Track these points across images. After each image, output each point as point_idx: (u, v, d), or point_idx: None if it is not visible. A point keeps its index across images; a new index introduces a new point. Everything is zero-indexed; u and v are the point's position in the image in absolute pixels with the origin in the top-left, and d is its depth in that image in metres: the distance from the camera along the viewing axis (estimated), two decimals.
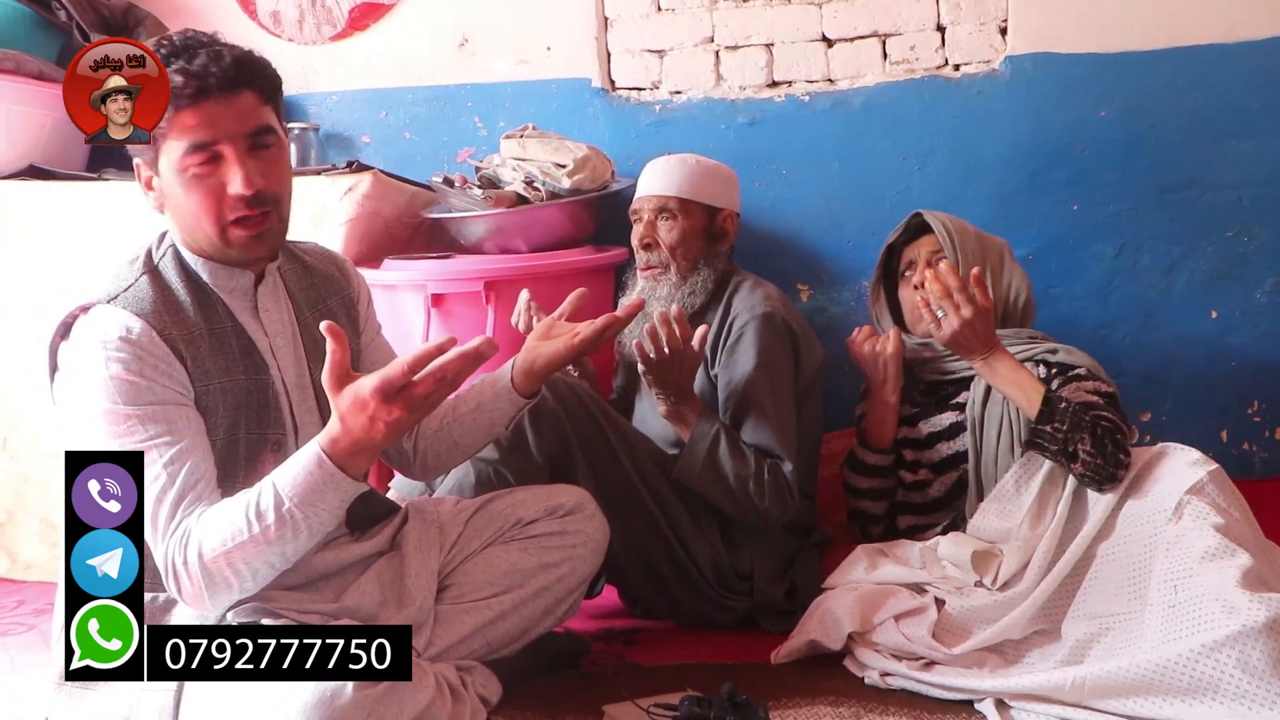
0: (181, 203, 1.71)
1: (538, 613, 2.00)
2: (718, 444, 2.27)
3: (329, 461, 1.60)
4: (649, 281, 2.46)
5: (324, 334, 1.58)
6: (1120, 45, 2.90)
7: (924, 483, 2.39)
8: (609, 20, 3.18)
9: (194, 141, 1.67)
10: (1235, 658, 1.69)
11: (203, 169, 1.68)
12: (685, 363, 2.24)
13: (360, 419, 1.58)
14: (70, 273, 2.80)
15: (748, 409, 2.32)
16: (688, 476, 2.29)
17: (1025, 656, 2.00)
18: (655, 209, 2.47)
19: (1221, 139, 2.90)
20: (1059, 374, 2.24)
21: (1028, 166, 2.96)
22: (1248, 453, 2.98)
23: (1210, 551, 1.83)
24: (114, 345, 1.65)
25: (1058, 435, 2.07)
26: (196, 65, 1.65)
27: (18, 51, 2.95)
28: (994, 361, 2.18)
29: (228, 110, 1.68)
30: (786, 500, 2.28)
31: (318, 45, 3.32)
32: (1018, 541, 2.11)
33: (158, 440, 1.64)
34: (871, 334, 2.43)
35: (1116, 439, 2.05)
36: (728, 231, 2.50)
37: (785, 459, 2.29)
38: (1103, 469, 2.04)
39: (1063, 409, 2.08)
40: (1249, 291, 2.93)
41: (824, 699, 1.95)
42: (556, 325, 2.07)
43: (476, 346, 1.60)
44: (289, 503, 1.60)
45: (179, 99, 1.65)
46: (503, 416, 2.03)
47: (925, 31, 3.02)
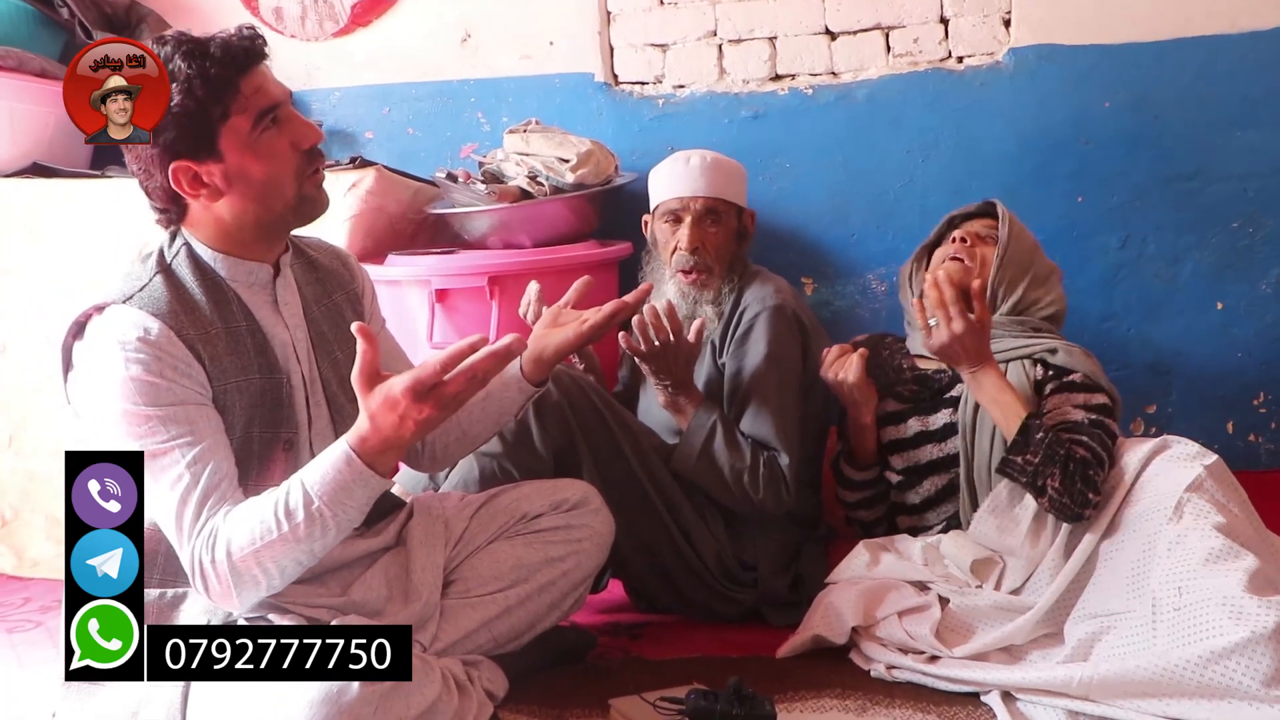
0: (257, 174, 1.72)
1: (543, 607, 2.01)
2: (714, 435, 2.27)
3: (358, 460, 1.61)
4: (693, 289, 2.40)
5: (354, 334, 1.59)
6: (1124, 36, 2.89)
7: (912, 482, 2.36)
8: (612, 14, 3.18)
9: (262, 108, 1.71)
10: (1244, 665, 1.68)
11: (270, 134, 1.72)
12: (680, 354, 2.24)
13: (390, 418, 1.59)
14: (74, 270, 2.80)
15: (750, 400, 2.32)
16: (684, 467, 2.29)
17: (1028, 655, 1.99)
18: (703, 211, 2.40)
19: (1227, 130, 2.89)
20: (1054, 378, 2.21)
21: (1032, 159, 2.96)
22: (1253, 444, 2.97)
23: (1214, 553, 1.81)
24: (133, 346, 1.65)
25: (1028, 468, 2.04)
26: (232, 39, 1.70)
27: (20, 49, 2.96)
28: (981, 376, 2.14)
29: (269, 77, 1.75)
30: (782, 493, 2.28)
31: (320, 41, 3.31)
32: (1019, 560, 2.10)
33: (179, 441, 1.64)
34: (839, 355, 2.34)
35: (1088, 474, 2.01)
36: (750, 230, 2.50)
37: (782, 451, 2.29)
38: (1068, 509, 2.01)
39: (1039, 439, 2.04)
40: (1255, 282, 2.92)
41: (830, 692, 1.95)
42: (564, 313, 2.08)
43: (507, 345, 1.60)
44: (318, 501, 1.61)
45: (237, 68, 1.68)
46: (512, 405, 2.03)
47: (929, 24, 3.01)
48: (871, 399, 2.35)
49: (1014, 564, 2.11)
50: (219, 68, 1.66)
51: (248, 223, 1.76)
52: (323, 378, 1.87)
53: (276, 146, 1.73)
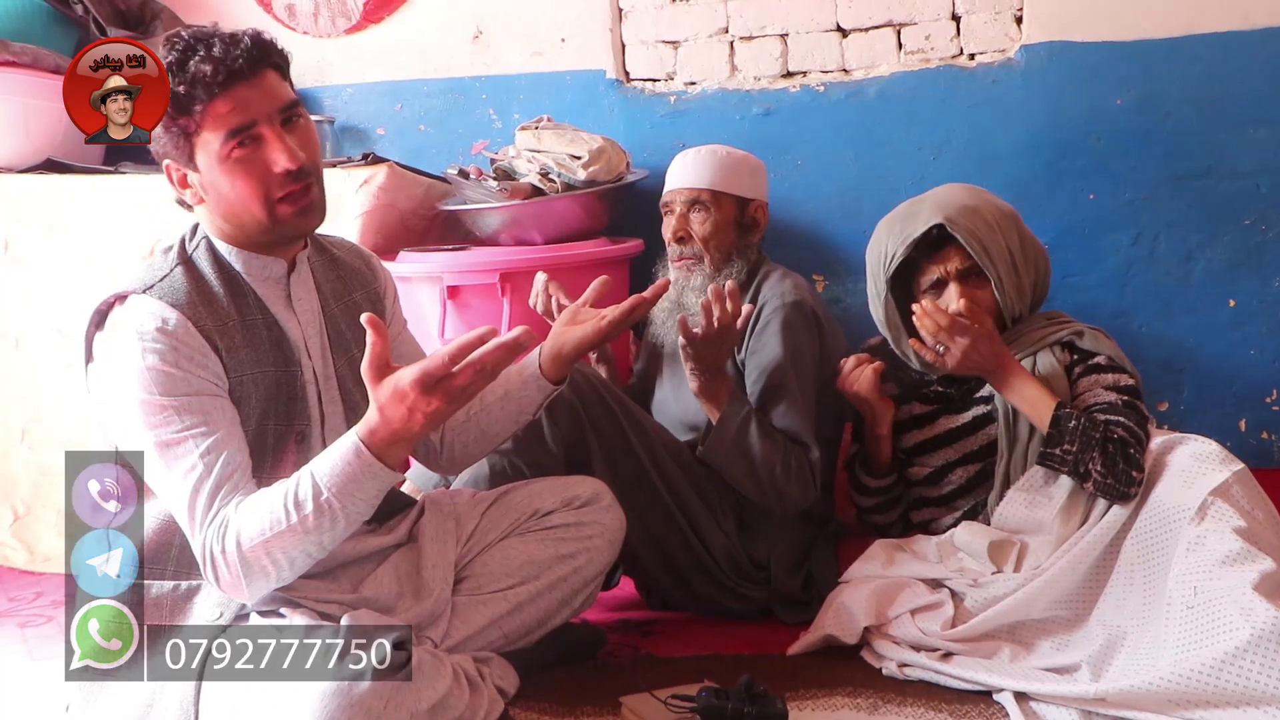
0: (227, 191, 1.71)
1: (554, 604, 2.00)
2: (749, 425, 2.26)
3: (367, 451, 1.61)
4: (682, 273, 2.45)
5: (364, 325, 1.59)
6: (1136, 33, 2.88)
7: (940, 476, 2.35)
8: (623, 11, 3.17)
9: (232, 127, 1.68)
10: (1259, 663, 1.67)
11: (243, 152, 1.69)
12: (727, 340, 2.24)
13: (399, 410, 1.59)
14: (87, 266, 2.81)
15: (777, 394, 2.32)
16: (715, 455, 2.28)
17: (1041, 644, 1.99)
18: (687, 202, 2.45)
19: (1239, 127, 2.87)
20: (1080, 361, 2.21)
21: (1044, 155, 2.95)
22: (1266, 441, 2.96)
23: (1231, 555, 1.81)
24: (150, 336, 1.66)
25: (1067, 457, 2.04)
26: (218, 52, 1.66)
27: (35, 46, 2.97)
28: (1006, 376, 2.14)
29: (256, 91, 1.70)
30: (809, 487, 2.28)
31: (332, 38, 3.32)
32: (1049, 536, 2.09)
33: (194, 431, 1.65)
34: (855, 367, 2.33)
35: (1129, 453, 2.01)
36: (759, 222, 2.50)
37: (812, 446, 2.29)
38: (1114, 488, 2.00)
39: (1073, 428, 2.04)
40: (1267, 279, 2.91)
41: (842, 690, 1.95)
42: (581, 311, 2.08)
43: (516, 337, 1.60)
44: (327, 492, 1.61)
45: (209, 88, 1.66)
46: (530, 403, 2.03)
47: (940, 21, 3.00)
48: (886, 411, 2.35)
49: (1040, 542, 2.09)
50: (188, 86, 1.65)
51: (232, 228, 1.77)
52: (338, 375, 1.88)
53: (249, 167, 1.70)
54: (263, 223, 1.74)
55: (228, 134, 1.68)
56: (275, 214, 1.73)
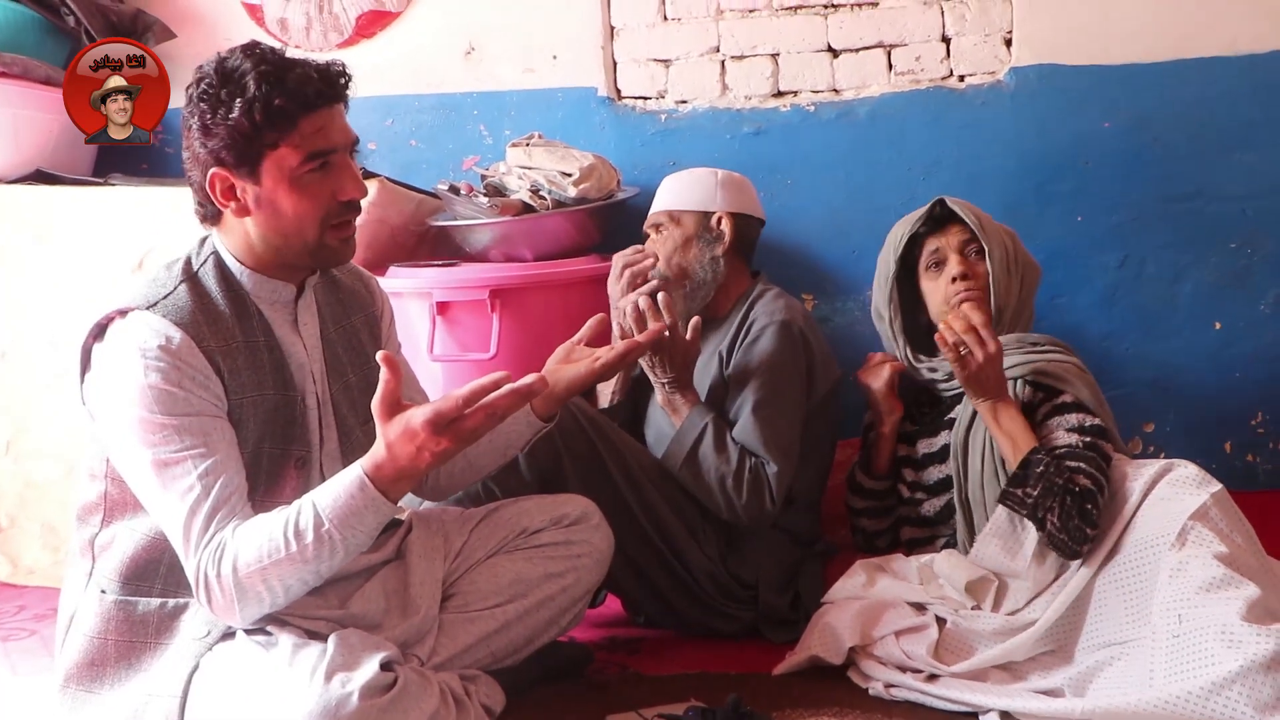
0: (286, 208, 1.73)
1: (542, 622, 2.01)
2: (703, 438, 2.29)
3: (371, 486, 1.62)
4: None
5: (379, 362, 1.61)
6: (1124, 57, 2.90)
7: (919, 500, 2.38)
8: (615, 29, 3.18)
9: (317, 149, 1.71)
10: (1245, 694, 1.67)
11: (314, 175, 1.72)
12: (678, 347, 2.29)
13: (408, 448, 1.60)
14: (76, 277, 2.80)
15: (744, 407, 2.34)
16: (671, 465, 2.33)
17: (1029, 674, 1.99)
18: (652, 227, 2.55)
19: (1226, 151, 2.90)
20: (1046, 400, 2.21)
21: (1032, 177, 2.96)
22: (1252, 464, 2.97)
23: (1214, 582, 1.80)
24: (154, 354, 1.65)
25: (1027, 500, 2.04)
26: (316, 72, 1.71)
27: (26, 57, 2.96)
28: (1000, 408, 2.14)
29: (336, 120, 1.75)
30: (766, 501, 2.28)
31: (325, 53, 3.31)
32: (1024, 582, 2.08)
33: (192, 451, 1.65)
34: (879, 363, 2.42)
35: (1085, 508, 2.00)
36: (724, 233, 2.51)
37: (770, 460, 2.29)
38: (1066, 545, 2.01)
39: (1039, 473, 2.04)
40: (1253, 302, 2.93)
41: (829, 710, 1.95)
42: (576, 350, 2.09)
43: (530, 384, 1.62)
44: (329, 524, 1.62)
45: (306, 105, 1.69)
46: (519, 438, 2.04)
47: (930, 42, 3.02)
48: (893, 412, 2.41)
49: (1018, 585, 2.10)
50: (285, 99, 1.67)
51: (269, 247, 1.78)
52: (334, 399, 1.88)
53: (316, 189, 1.74)
54: (310, 244, 1.76)
55: (310, 154, 1.71)
56: (324, 239, 1.77)
